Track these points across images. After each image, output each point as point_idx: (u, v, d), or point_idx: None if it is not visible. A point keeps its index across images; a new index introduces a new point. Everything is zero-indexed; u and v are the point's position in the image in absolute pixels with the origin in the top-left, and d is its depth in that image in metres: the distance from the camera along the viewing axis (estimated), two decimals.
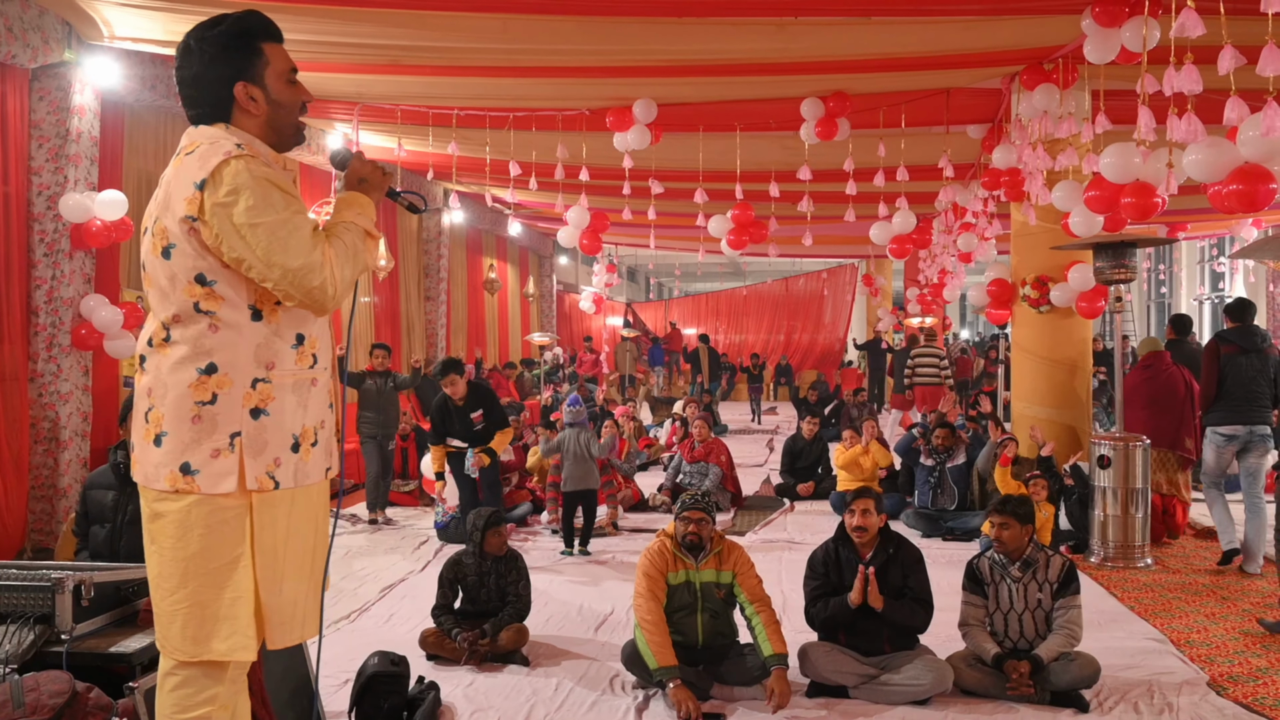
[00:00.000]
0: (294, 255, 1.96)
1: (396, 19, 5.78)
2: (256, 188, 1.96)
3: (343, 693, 3.79)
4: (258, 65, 2.10)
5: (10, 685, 2.50)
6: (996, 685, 3.79)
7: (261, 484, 2.04)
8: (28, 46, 5.60)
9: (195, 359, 2.02)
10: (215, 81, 2.08)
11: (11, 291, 5.87)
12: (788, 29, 5.83)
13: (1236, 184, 4.22)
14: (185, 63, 2.11)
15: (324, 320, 2.19)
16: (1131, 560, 6.00)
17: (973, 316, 33.14)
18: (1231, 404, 5.73)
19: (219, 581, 2.03)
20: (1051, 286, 7.25)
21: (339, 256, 2.03)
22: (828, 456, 8.82)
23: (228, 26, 2.09)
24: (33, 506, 6.05)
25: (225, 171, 1.96)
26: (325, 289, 2.00)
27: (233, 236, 1.96)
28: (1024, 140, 6.63)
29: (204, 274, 2.01)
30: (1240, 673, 4.14)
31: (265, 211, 1.96)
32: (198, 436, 2.02)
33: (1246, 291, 14.40)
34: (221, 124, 2.10)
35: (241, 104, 2.10)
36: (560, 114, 7.81)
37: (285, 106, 2.14)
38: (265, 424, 2.05)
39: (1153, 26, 4.81)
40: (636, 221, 9.57)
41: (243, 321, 2.04)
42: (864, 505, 3.99)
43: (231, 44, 2.09)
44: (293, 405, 2.09)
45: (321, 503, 2.22)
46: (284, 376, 2.08)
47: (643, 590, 3.94)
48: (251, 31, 2.11)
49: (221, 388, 2.03)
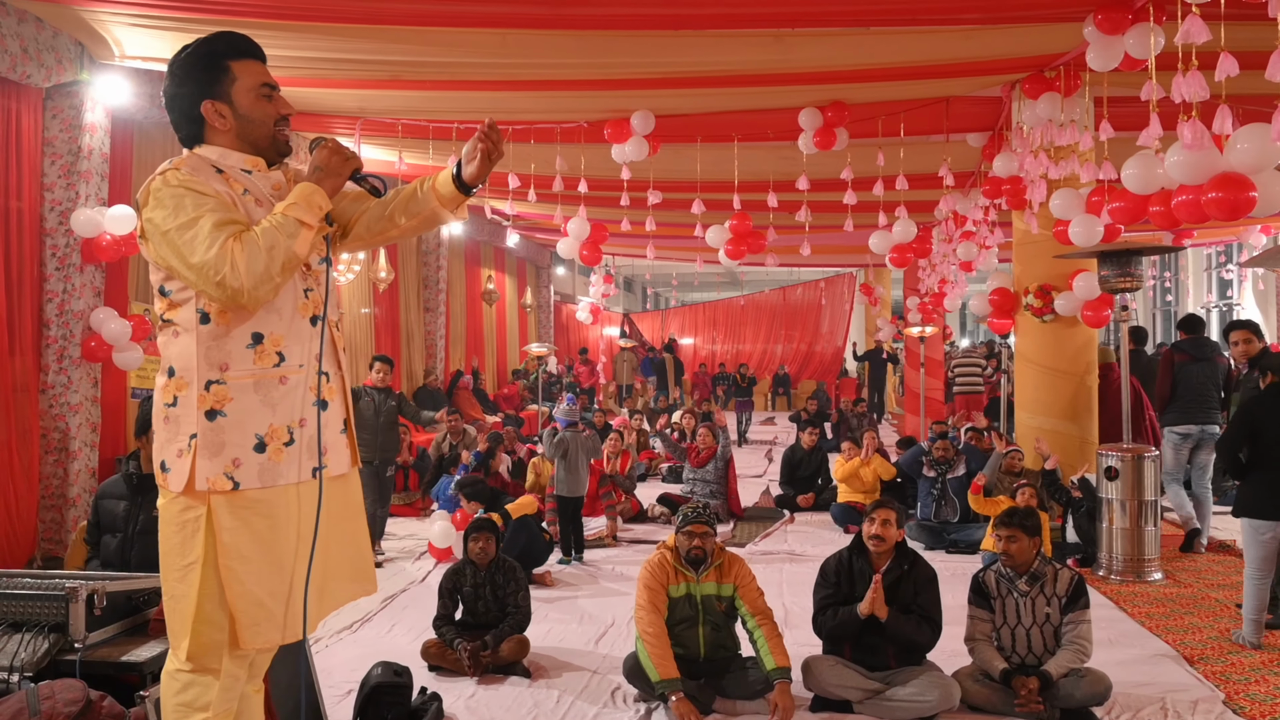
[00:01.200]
0: (195, 253, 2.02)
1: (398, 35, 5.82)
2: (170, 197, 2.05)
3: (346, 703, 3.79)
4: (224, 82, 2.17)
5: (26, 693, 2.52)
6: (1004, 702, 3.74)
7: (215, 484, 2.05)
8: (42, 66, 5.70)
9: (165, 364, 2.15)
10: (185, 102, 2.17)
11: (23, 304, 5.94)
12: (785, 40, 5.86)
13: (1218, 191, 4.23)
14: (166, 85, 2.22)
15: (293, 318, 2.17)
16: (1142, 574, 5.94)
17: (973, 326, 33.13)
18: (1185, 407, 6.47)
19: (186, 579, 2.07)
20: (1055, 295, 7.24)
21: (246, 250, 2.01)
22: (827, 467, 8.81)
23: (194, 48, 2.18)
24: (43, 516, 6.08)
25: (151, 189, 2.09)
26: (228, 283, 2.00)
27: (160, 247, 2.07)
28: (1025, 148, 6.64)
29: (163, 285, 2.15)
30: (1258, 690, 4.05)
31: (175, 217, 2.04)
32: (169, 437, 2.11)
33: (1256, 300, 14.39)
34: (198, 144, 2.20)
35: (210, 122, 2.18)
36: (559, 126, 7.84)
37: (254, 121, 2.19)
38: (221, 424, 2.08)
39: (1157, 33, 4.82)
40: (635, 232, 9.60)
41: (193, 325, 2.11)
42: (885, 515, 3.96)
43: (198, 64, 2.17)
44: (255, 405, 2.10)
45: (308, 503, 2.18)
46: (240, 377, 2.10)
47: (644, 603, 3.93)
48: (217, 52, 2.18)
49: (180, 390, 2.11)
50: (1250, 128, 4.17)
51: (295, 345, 2.16)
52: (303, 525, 2.17)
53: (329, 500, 2.22)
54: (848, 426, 12.15)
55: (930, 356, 13.79)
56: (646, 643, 3.85)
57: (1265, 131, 4.11)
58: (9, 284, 5.81)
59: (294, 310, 2.18)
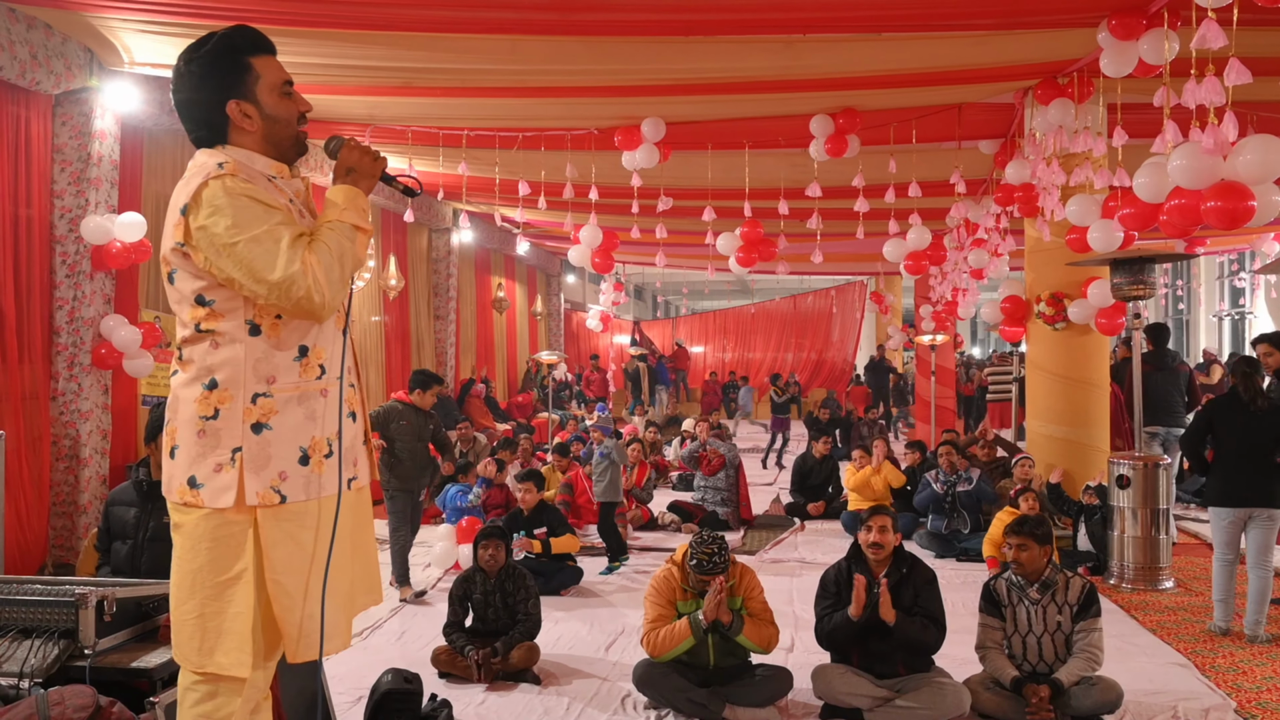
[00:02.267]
0: (274, 268, 1.96)
1: (408, 41, 5.84)
2: (233, 205, 1.96)
3: (356, 709, 3.78)
4: (248, 81, 2.09)
5: (36, 699, 2.52)
6: (1015, 709, 3.72)
7: (264, 499, 2.03)
8: (51, 73, 5.73)
9: (201, 375, 2.06)
10: (208, 101, 2.08)
11: (33, 311, 5.97)
12: (796, 46, 5.85)
13: (1218, 200, 4.20)
14: (179, 86, 2.11)
15: (332, 330, 2.17)
16: (1153, 582, 5.91)
17: (984, 334, 33.01)
18: (1151, 411, 7.28)
19: (222, 595, 2.03)
20: (1068, 303, 7.21)
21: (321, 261, 2.00)
22: (838, 476, 8.77)
23: (214, 45, 2.08)
24: (54, 523, 6.11)
25: (204, 194, 1.98)
26: (311, 297, 1.98)
27: (218, 257, 1.98)
28: (1038, 155, 6.61)
29: (202, 294, 2.05)
30: (1270, 699, 4.04)
31: (243, 228, 1.96)
32: (203, 451, 2.04)
33: (1268, 307, 14.31)
34: (220, 145, 2.11)
35: (236, 122, 2.09)
36: (569, 133, 7.85)
37: (280, 120, 2.12)
38: (268, 438, 2.05)
39: (1171, 39, 4.79)
40: (645, 240, 9.59)
41: (242, 337, 2.05)
42: (881, 522, 3.95)
43: (219, 62, 2.07)
44: (299, 418, 2.08)
45: (349, 514, 2.19)
46: (287, 389, 2.07)
47: (650, 625, 3.95)
48: (238, 48, 2.09)
49: (223, 403, 2.04)
50: (1257, 138, 4.15)
51: (333, 357, 2.16)
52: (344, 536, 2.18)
53: (355, 512, 2.23)
54: (859, 435, 12.11)
55: (941, 365, 13.73)
56: (657, 649, 3.87)
57: (1272, 144, 4.08)
58: (19, 291, 5.84)
59: (332, 322, 2.17)
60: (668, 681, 3.87)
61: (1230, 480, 4.87)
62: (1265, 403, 4.86)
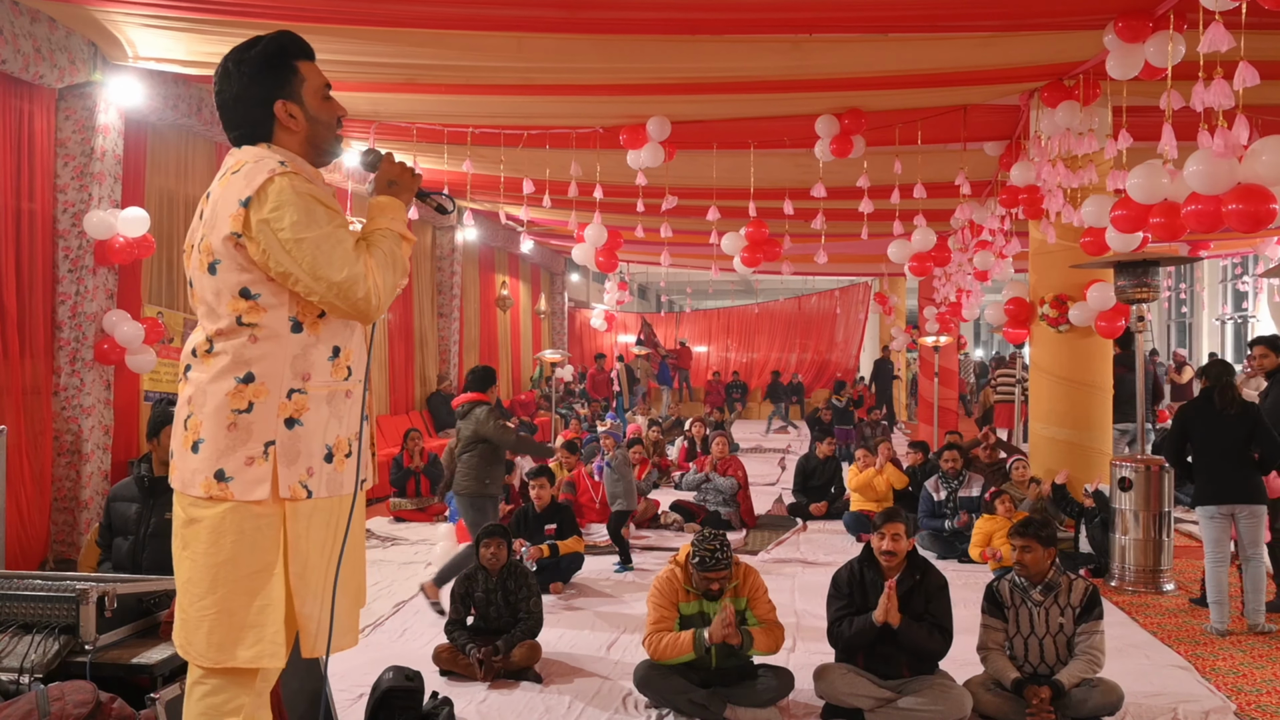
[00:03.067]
0: (338, 268, 2.00)
1: (413, 38, 5.83)
2: (300, 203, 2.01)
3: (357, 707, 3.78)
4: (294, 83, 2.16)
5: (36, 695, 2.52)
6: (1016, 711, 3.72)
7: (294, 493, 2.05)
8: (55, 67, 5.71)
9: (235, 369, 2.06)
10: (255, 101, 2.13)
11: (35, 306, 5.95)
12: (802, 46, 5.84)
13: (1238, 203, 4.19)
14: (225, 85, 2.16)
15: (359, 333, 2.22)
16: (1154, 585, 5.91)
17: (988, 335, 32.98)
18: (1121, 408, 7.97)
19: (249, 588, 2.03)
20: (1071, 305, 7.19)
21: (380, 265, 2.07)
22: (841, 476, 8.76)
23: (264, 46, 2.15)
24: (55, 518, 6.10)
25: (270, 189, 2.01)
26: (370, 299, 2.04)
27: (279, 252, 2.00)
28: (1043, 157, 6.59)
29: (248, 288, 2.06)
30: (1269, 702, 4.05)
31: (309, 227, 2.00)
32: (233, 444, 2.04)
33: (1271, 311, 14.29)
34: (263, 143, 2.15)
35: (282, 122, 2.14)
36: (574, 132, 7.84)
37: (323, 122, 2.19)
38: (299, 434, 2.07)
39: (1177, 41, 4.78)
40: (649, 239, 9.57)
41: (283, 333, 2.08)
42: (895, 530, 3.91)
43: (269, 63, 2.14)
44: (326, 416, 2.12)
45: (359, 515, 2.23)
46: (319, 388, 2.11)
47: (652, 627, 3.94)
48: (287, 50, 2.17)
49: (258, 397, 2.06)
50: (1273, 139, 4.13)
51: (359, 360, 2.20)
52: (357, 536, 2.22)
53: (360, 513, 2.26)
54: (861, 435, 12.09)
55: (945, 366, 13.71)
56: (659, 654, 3.86)
57: None
58: (21, 285, 5.84)
59: (359, 327, 2.22)
60: (669, 683, 3.87)
61: (1214, 480, 5.06)
62: (1236, 407, 5.06)
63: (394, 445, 10.09)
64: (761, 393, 20.92)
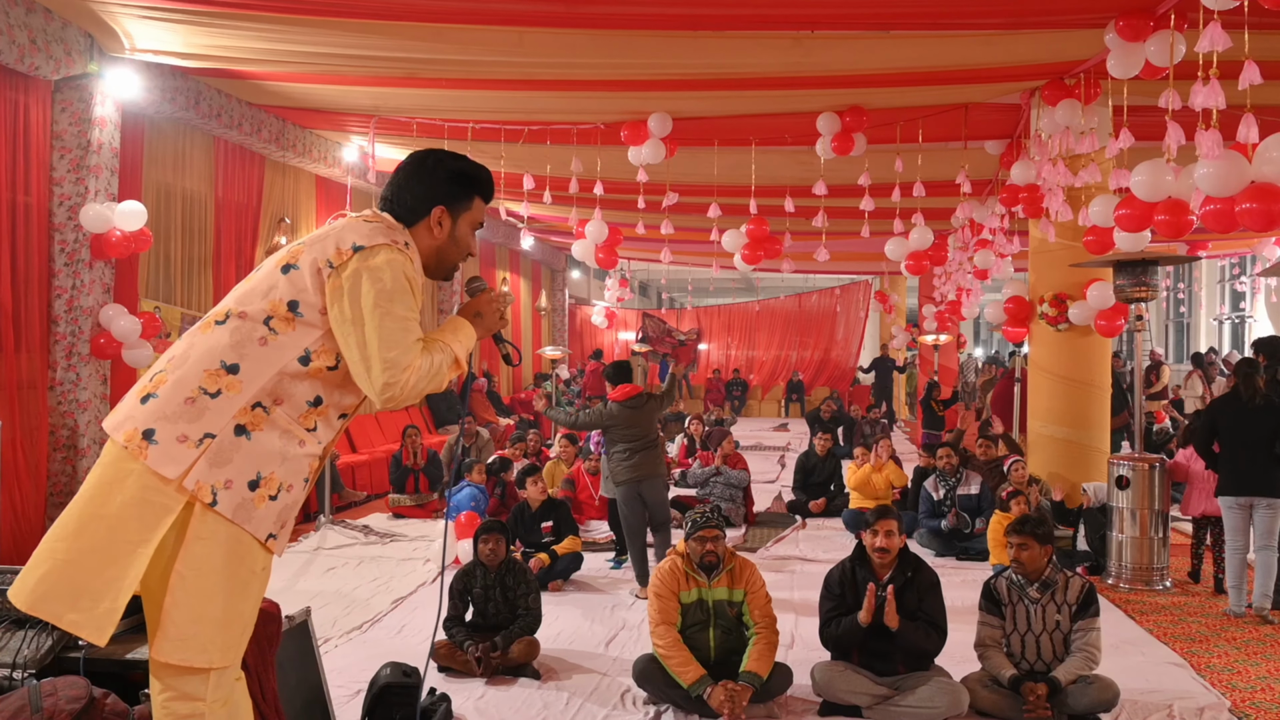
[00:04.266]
0: (391, 347, 2.05)
1: (414, 32, 5.82)
2: (401, 282, 2.09)
3: (355, 703, 3.77)
4: (461, 203, 2.28)
5: (28, 690, 2.50)
6: (1013, 707, 3.72)
7: (199, 490, 1.98)
8: (51, 59, 5.67)
9: (227, 353, 2.06)
10: (425, 196, 2.24)
11: (31, 300, 5.93)
12: (804, 43, 5.83)
13: (1251, 202, 4.18)
14: (411, 169, 2.27)
15: (345, 404, 2.19)
16: (1150, 583, 5.91)
17: (987, 334, 33.00)
18: None
19: (110, 555, 1.96)
20: (1070, 304, 7.19)
21: (422, 370, 2.11)
22: (840, 473, 8.76)
23: (465, 165, 2.30)
24: (50, 513, 6.08)
25: (383, 254, 2.09)
26: (395, 389, 2.06)
27: (345, 304, 2.05)
28: (1043, 156, 6.59)
29: (298, 304, 2.09)
30: (1264, 698, 4.06)
31: (395, 303, 2.08)
32: (179, 415, 2.01)
33: (1268, 311, 14.28)
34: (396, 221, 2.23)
35: (430, 223, 2.24)
36: (575, 128, 7.83)
37: (459, 246, 2.30)
38: (240, 444, 2.03)
39: (1178, 41, 4.77)
40: (650, 236, 9.56)
41: (291, 354, 2.08)
42: (887, 526, 3.92)
43: (458, 179, 2.27)
44: (274, 448, 2.07)
45: (261, 565, 2.11)
46: (281, 419, 2.08)
47: (655, 616, 3.92)
48: (478, 181, 2.30)
49: (230, 389, 2.04)
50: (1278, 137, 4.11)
51: (327, 429, 2.18)
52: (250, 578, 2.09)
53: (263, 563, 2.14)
54: (861, 433, 12.09)
55: (944, 365, 13.71)
56: (664, 658, 3.84)
57: None
58: (16, 279, 5.81)
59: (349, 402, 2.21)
60: (667, 678, 3.86)
61: (1236, 472, 5.26)
62: (1262, 400, 5.25)
63: (393, 442, 10.08)
64: (764, 391, 20.90)
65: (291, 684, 3.01)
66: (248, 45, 6.07)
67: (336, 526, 7.51)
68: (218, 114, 7.27)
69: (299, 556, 6.62)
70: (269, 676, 2.73)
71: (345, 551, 6.86)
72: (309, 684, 3.19)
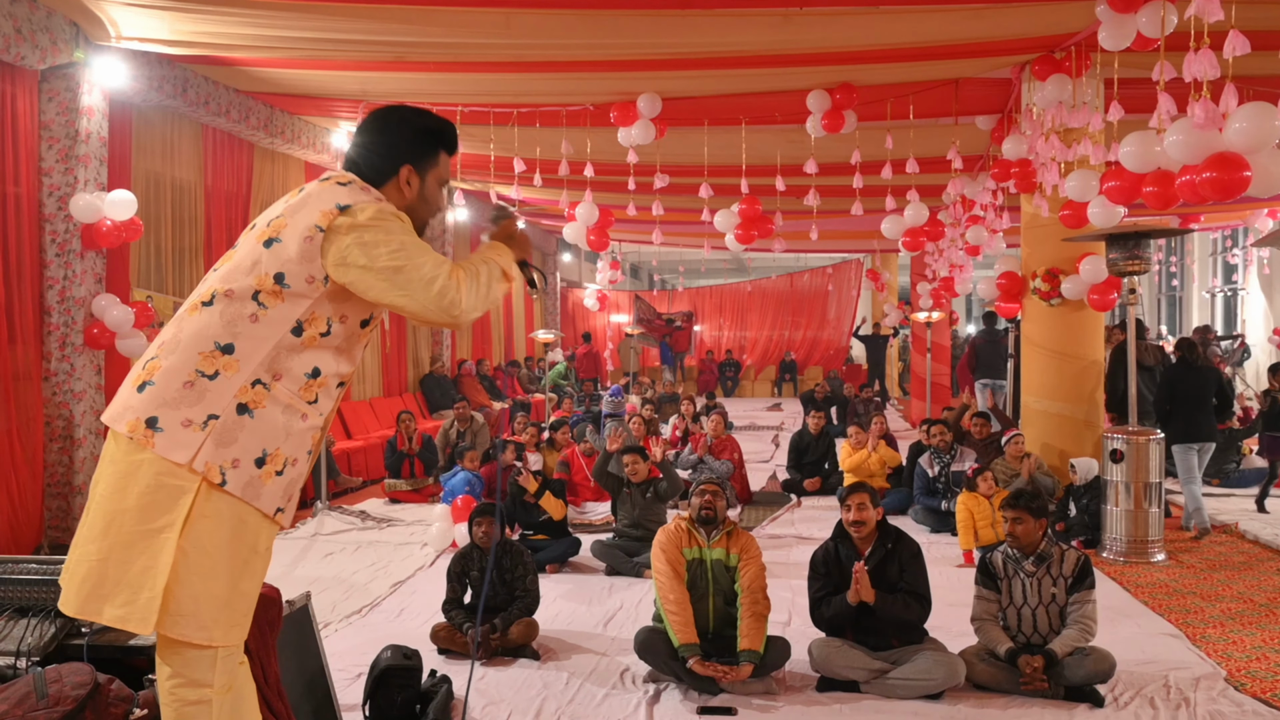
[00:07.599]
0: (423, 266, 2.07)
1: (401, 15, 5.77)
2: (398, 221, 2.12)
3: (356, 686, 3.80)
4: (427, 160, 2.27)
5: (33, 677, 2.52)
6: (1010, 680, 3.77)
7: (209, 471, 2.00)
8: (36, 48, 5.62)
9: (220, 334, 2.06)
10: (390, 155, 2.24)
11: (24, 291, 5.91)
12: (793, 20, 5.80)
13: (1211, 171, 4.18)
14: (375, 128, 2.26)
15: (343, 372, 2.20)
16: (1145, 555, 5.96)
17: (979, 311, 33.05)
18: (984, 371, 11.03)
19: (139, 546, 1.98)
20: (1062, 279, 7.20)
21: (468, 279, 2.12)
22: (834, 452, 8.79)
23: (429, 121, 2.29)
24: (48, 503, 6.09)
25: (372, 207, 2.10)
26: (458, 302, 2.09)
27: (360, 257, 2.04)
28: (1035, 131, 6.58)
29: (284, 275, 2.07)
30: (1259, 668, 4.10)
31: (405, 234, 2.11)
32: (180, 400, 2.02)
33: (1260, 283, 14.31)
34: None
35: (399, 183, 2.23)
36: (564, 109, 7.80)
37: (428, 204, 2.30)
38: (244, 423, 2.04)
39: (1170, 11, 4.76)
40: (641, 217, 9.54)
41: (283, 327, 2.07)
42: (859, 500, 3.98)
43: (420, 137, 2.27)
44: (277, 424, 2.08)
45: (267, 539, 2.13)
46: (282, 394, 2.08)
47: (663, 569, 4.00)
48: (443, 136, 2.31)
49: (227, 370, 2.04)
50: (1250, 106, 4.13)
51: (327, 399, 2.18)
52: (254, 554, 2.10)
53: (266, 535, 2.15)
54: (854, 412, 12.13)
55: (937, 342, 13.73)
56: (668, 610, 3.90)
57: (1264, 110, 4.05)
58: (8, 270, 5.78)
59: (345, 370, 2.22)
60: (670, 649, 3.88)
61: (1190, 423, 6.60)
62: (1205, 362, 6.79)
63: (388, 428, 10.09)
64: (757, 371, 20.96)
65: (293, 668, 3.03)
66: (234, 31, 6.02)
67: (333, 512, 7.53)
68: (205, 101, 7.22)
69: (297, 543, 6.64)
70: (271, 661, 2.75)
71: (342, 537, 6.88)
72: (311, 668, 3.22)
